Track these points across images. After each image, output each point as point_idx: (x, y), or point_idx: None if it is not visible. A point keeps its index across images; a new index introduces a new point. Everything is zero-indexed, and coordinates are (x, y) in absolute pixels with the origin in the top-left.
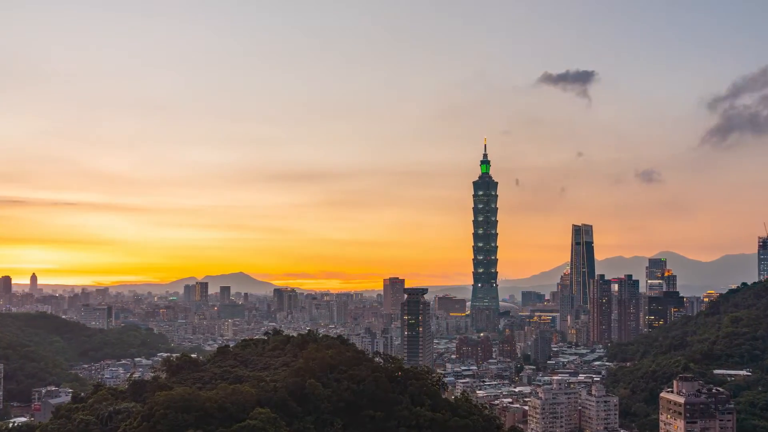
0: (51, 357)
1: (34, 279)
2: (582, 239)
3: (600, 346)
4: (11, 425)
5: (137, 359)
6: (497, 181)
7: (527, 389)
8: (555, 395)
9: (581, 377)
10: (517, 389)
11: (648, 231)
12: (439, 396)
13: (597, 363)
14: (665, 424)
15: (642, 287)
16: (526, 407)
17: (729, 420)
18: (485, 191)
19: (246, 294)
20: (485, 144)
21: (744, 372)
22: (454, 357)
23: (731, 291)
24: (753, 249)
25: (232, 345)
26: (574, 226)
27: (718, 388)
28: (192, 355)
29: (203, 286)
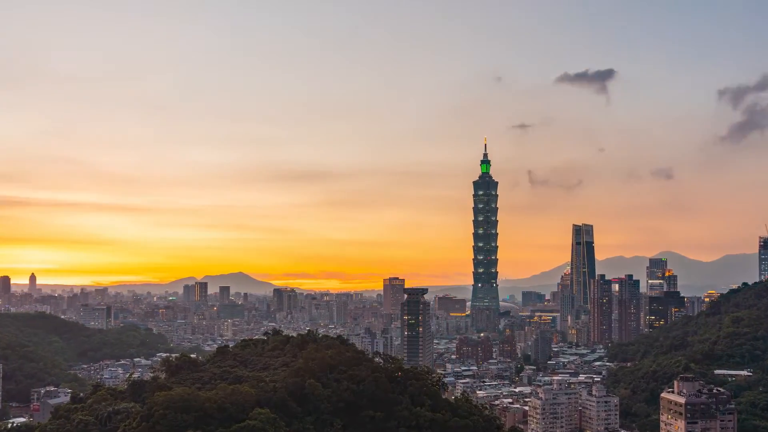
0: (50, 357)
1: (33, 279)
2: (582, 239)
3: (600, 346)
4: (10, 426)
5: (136, 359)
6: (497, 181)
7: (527, 389)
8: (555, 395)
9: (582, 377)
10: (518, 389)
11: (649, 231)
12: (439, 396)
13: (597, 363)
14: (666, 424)
15: (643, 287)
16: (526, 407)
17: (730, 420)
18: (485, 191)
19: (245, 294)
20: (485, 144)
21: (745, 372)
22: (454, 357)
23: (732, 291)
24: (754, 249)
25: (231, 345)
26: (574, 225)
27: (718, 388)
28: (191, 356)
29: (202, 286)
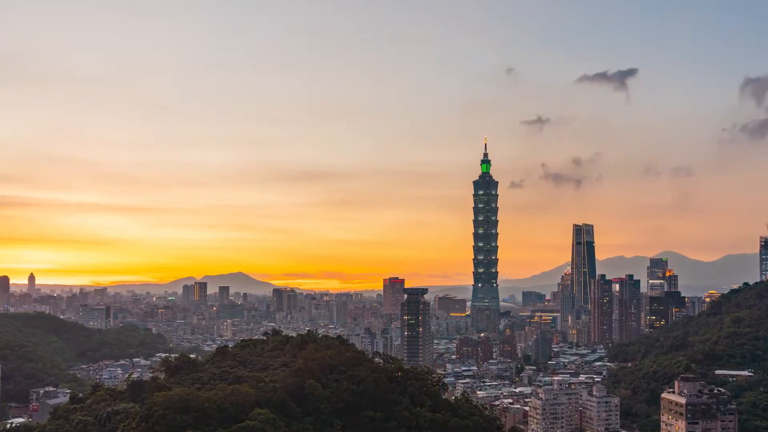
0: (49, 357)
1: (32, 279)
2: (583, 239)
3: (601, 346)
4: (9, 426)
5: (136, 359)
6: (497, 181)
7: (528, 390)
8: (556, 396)
9: (582, 378)
10: (518, 390)
11: (650, 231)
12: (440, 396)
13: (598, 363)
14: (666, 424)
15: (643, 287)
16: (526, 408)
17: (731, 421)
18: (485, 191)
19: (245, 294)
20: (485, 143)
21: (746, 372)
22: (454, 357)
23: (733, 291)
24: (755, 249)
25: (231, 345)
26: (574, 225)
27: (719, 388)
28: (191, 356)
29: (202, 286)
